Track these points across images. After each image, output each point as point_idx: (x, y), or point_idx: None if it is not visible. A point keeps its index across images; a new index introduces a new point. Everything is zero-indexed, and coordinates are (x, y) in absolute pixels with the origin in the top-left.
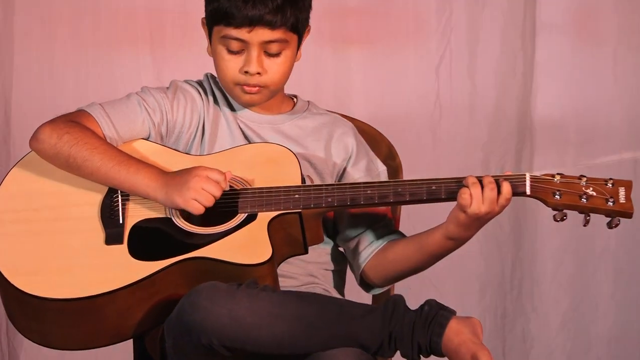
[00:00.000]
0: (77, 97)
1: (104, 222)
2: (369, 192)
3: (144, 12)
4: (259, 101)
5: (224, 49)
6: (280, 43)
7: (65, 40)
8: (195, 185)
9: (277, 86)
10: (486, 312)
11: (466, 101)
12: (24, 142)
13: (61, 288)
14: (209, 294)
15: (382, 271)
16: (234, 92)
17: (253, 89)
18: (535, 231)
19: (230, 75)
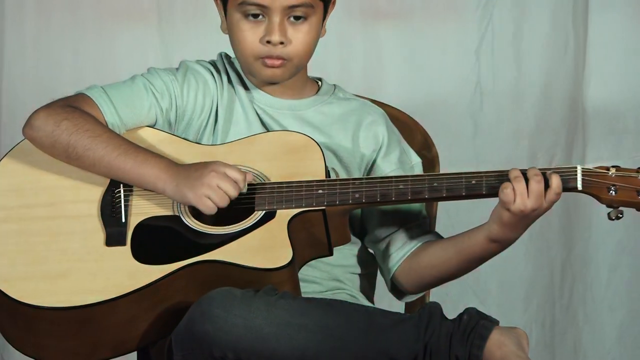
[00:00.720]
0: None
1: (105, 220)
2: (401, 187)
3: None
4: (281, 77)
5: (242, 18)
6: (305, 8)
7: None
8: (210, 181)
9: (301, 60)
10: (533, 322)
11: (511, 85)
12: (16, 129)
13: (57, 295)
14: (222, 302)
15: (415, 276)
16: (254, 68)
17: (276, 61)
18: (589, 231)
19: (249, 47)
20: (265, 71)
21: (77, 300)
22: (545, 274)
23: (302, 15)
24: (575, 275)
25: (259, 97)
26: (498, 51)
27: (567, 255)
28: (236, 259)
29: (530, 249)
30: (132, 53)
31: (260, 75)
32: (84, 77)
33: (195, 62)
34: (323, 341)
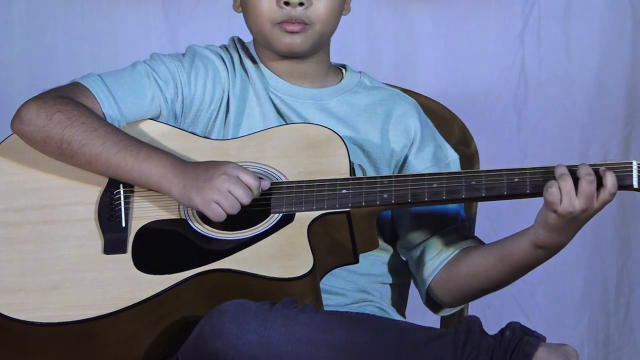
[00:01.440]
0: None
1: (103, 225)
2: (435, 186)
3: None
4: (301, 46)
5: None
6: None
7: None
8: (221, 185)
9: (324, 26)
10: (584, 339)
11: (560, 73)
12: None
13: (49, 310)
14: (235, 316)
15: (454, 287)
16: (273, 36)
17: (295, 26)
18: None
19: (265, 11)
20: (284, 38)
21: (72, 315)
22: (599, 284)
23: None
24: (632, 285)
25: (277, 84)
26: (545, 34)
27: (624, 263)
28: (250, 267)
29: (582, 255)
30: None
31: (278, 45)
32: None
33: (205, 47)
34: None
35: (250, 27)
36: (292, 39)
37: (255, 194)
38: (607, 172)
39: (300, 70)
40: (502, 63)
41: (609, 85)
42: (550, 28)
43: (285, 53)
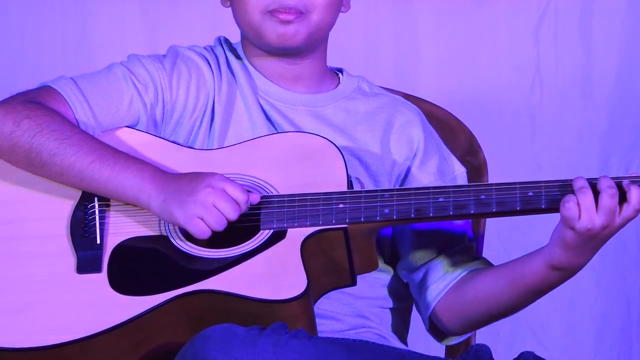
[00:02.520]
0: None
1: (75, 242)
2: (441, 200)
3: None
4: (295, 36)
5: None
6: None
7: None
8: (205, 198)
9: (321, 16)
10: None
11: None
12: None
13: (16, 334)
14: (220, 342)
15: (460, 313)
16: (263, 26)
17: (289, 15)
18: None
19: (260, 5)
20: (277, 28)
21: (41, 340)
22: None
23: None
24: None
25: (267, 89)
26: (562, 31)
27: None
28: (238, 288)
29: (602, 277)
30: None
31: (270, 35)
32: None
33: (188, 47)
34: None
35: (239, 18)
36: (286, 28)
37: (242, 208)
38: (632, 186)
39: (294, 72)
40: (514, 63)
41: (631, 89)
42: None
43: (277, 45)
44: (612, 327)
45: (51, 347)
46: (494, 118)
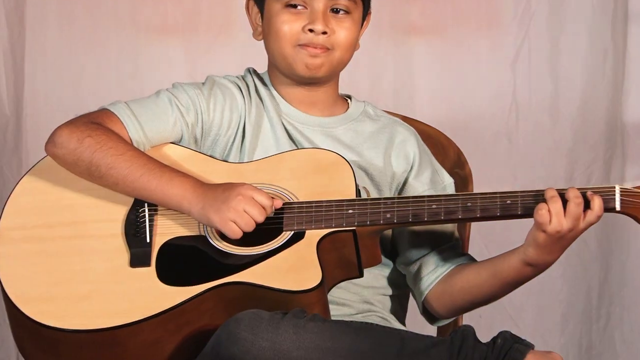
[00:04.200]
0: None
1: (129, 240)
2: (434, 207)
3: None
4: (320, 68)
5: (282, 8)
6: (348, 1)
7: (84, 28)
8: (237, 205)
9: (342, 54)
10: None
11: (547, 101)
12: (38, 146)
13: (79, 318)
14: (249, 324)
15: (448, 300)
16: (296, 58)
17: (318, 50)
18: (627, 252)
19: (289, 34)
20: (307, 60)
21: (100, 323)
22: (582, 296)
23: (344, 9)
24: (612, 297)
25: (289, 112)
26: (534, 65)
27: (605, 276)
28: (264, 280)
29: (567, 270)
30: (157, 67)
31: (299, 65)
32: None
33: (223, 76)
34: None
35: (273, 49)
36: (313, 60)
37: (268, 212)
38: (595, 196)
39: (311, 98)
40: (494, 91)
41: (591, 114)
42: (539, 59)
43: (304, 74)
44: (575, 310)
45: (110, 329)
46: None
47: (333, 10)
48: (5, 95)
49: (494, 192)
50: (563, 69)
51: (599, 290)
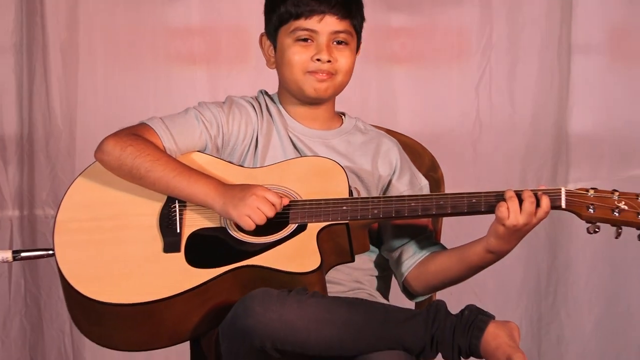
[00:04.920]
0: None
1: (163, 231)
2: (412, 204)
3: (200, 31)
4: (325, 91)
5: (293, 42)
6: (346, 34)
7: (126, 60)
8: (251, 203)
9: (343, 78)
10: (523, 317)
11: (505, 118)
12: (88, 153)
13: (121, 294)
14: (261, 300)
15: (424, 281)
16: (306, 82)
17: (323, 76)
18: (570, 241)
19: (301, 63)
20: (316, 84)
21: (139, 299)
22: (534, 277)
23: (343, 41)
24: (558, 278)
25: (294, 126)
26: (494, 89)
27: (552, 262)
28: (273, 264)
29: (521, 256)
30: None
31: (308, 89)
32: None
33: (240, 97)
34: (346, 333)
35: (285, 75)
36: (320, 84)
37: (277, 208)
38: (544, 196)
39: (313, 115)
40: (462, 110)
41: (541, 128)
42: (498, 84)
43: (312, 95)
44: (528, 289)
45: (146, 303)
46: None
47: (334, 42)
48: (59, 112)
49: (462, 193)
50: (517, 91)
51: (547, 272)
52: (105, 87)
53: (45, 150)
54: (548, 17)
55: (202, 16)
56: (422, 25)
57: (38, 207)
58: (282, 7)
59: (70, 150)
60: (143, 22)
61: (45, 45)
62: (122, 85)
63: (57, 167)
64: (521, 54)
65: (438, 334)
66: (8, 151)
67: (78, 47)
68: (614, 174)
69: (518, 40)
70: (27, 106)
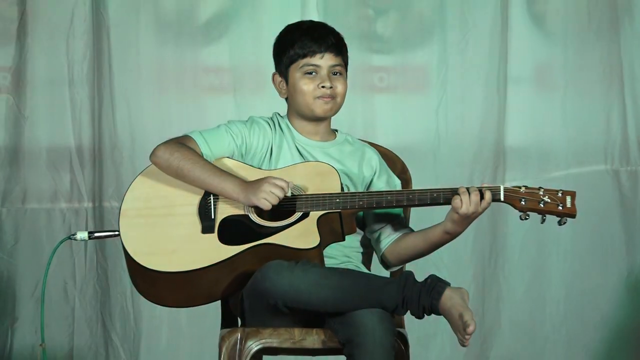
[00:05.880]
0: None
1: (201, 217)
2: (388, 197)
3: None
4: (329, 111)
5: (303, 76)
6: (340, 67)
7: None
8: (266, 189)
9: (341, 99)
10: (471, 283)
11: (457, 133)
12: (143, 159)
13: (170, 264)
14: (275, 269)
15: (397, 255)
16: (315, 105)
17: (328, 98)
18: (506, 225)
19: (310, 91)
20: (323, 106)
21: (182, 268)
22: (479, 252)
23: (338, 72)
24: (497, 253)
25: (300, 138)
26: (449, 112)
27: (493, 241)
28: (284, 242)
29: (470, 236)
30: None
31: (318, 109)
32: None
33: (259, 117)
34: (338, 295)
35: (298, 101)
36: (326, 105)
37: (286, 191)
38: (487, 191)
39: (314, 130)
40: (425, 127)
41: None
42: (453, 107)
43: (321, 115)
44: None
45: (189, 272)
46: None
47: (332, 73)
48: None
49: (426, 189)
50: (466, 114)
51: (489, 249)
52: (156, 109)
53: (111, 157)
54: (489, 57)
55: (230, 58)
56: (395, 64)
57: (106, 201)
58: (291, 50)
59: (130, 157)
60: (186, 61)
61: (111, 78)
62: (169, 108)
63: (120, 170)
64: (469, 85)
65: (408, 296)
66: (84, 158)
67: (137, 79)
68: (539, 175)
69: (467, 75)
70: (97, 124)
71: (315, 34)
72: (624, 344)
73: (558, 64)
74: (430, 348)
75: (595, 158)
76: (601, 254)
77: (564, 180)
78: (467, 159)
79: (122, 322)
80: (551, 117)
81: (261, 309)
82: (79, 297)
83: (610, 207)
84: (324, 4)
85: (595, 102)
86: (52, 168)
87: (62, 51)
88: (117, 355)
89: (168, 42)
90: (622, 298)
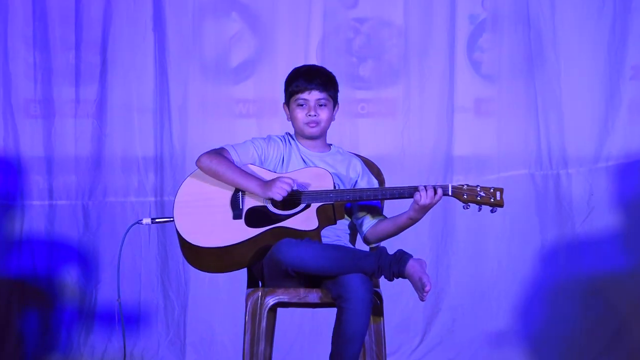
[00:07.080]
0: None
1: (232, 207)
2: (369, 193)
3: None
4: (316, 132)
5: (297, 107)
6: (325, 100)
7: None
8: (277, 184)
9: (325, 124)
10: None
11: (417, 148)
12: (193, 164)
13: (210, 242)
14: (287, 244)
15: (375, 236)
16: (305, 129)
17: (313, 124)
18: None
19: (302, 118)
20: (310, 130)
21: (219, 244)
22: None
23: (324, 104)
24: (447, 234)
25: (304, 150)
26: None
27: (444, 225)
28: (293, 226)
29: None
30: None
31: (307, 132)
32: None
33: (275, 135)
34: (333, 262)
35: (295, 125)
36: (313, 129)
37: (293, 186)
38: (439, 188)
39: (314, 144)
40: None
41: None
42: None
43: (309, 135)
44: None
45: (224, 247)
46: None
47: (318, 104)
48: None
49: (395, 186)
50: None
51: (441, 231)
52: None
53: (169, 163)
54: (440, 93)
55: (255, 92)
56: (373, 97)
57: (165, 196)
58: (290, 88)
59: (182, 163)
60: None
61: (169, 106)
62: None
63: (175, 173)
64: (426, 113)
65: (382, 264)
66: (149, 164)
67: (188, 107)
68: (478, 178)
69: (424, 105)
70: (159, 141)
71: (307, 76)
72: (537, 297)
73: (491, 96)
74: (398, 303)
75: (518, 165)
76: (522, 234)
77: (496, 181)
78: (425, 166)
79: (176, 283)
80: (486, 135)
81: (276, 274)
82: (144, 266)
83: (528, 200)
84: (322, 53)
85: (519, 124)
86: (125, 171)
87: (132, 87)
88: (172, 307)
89: (209, 80)
90: (536, 265)
